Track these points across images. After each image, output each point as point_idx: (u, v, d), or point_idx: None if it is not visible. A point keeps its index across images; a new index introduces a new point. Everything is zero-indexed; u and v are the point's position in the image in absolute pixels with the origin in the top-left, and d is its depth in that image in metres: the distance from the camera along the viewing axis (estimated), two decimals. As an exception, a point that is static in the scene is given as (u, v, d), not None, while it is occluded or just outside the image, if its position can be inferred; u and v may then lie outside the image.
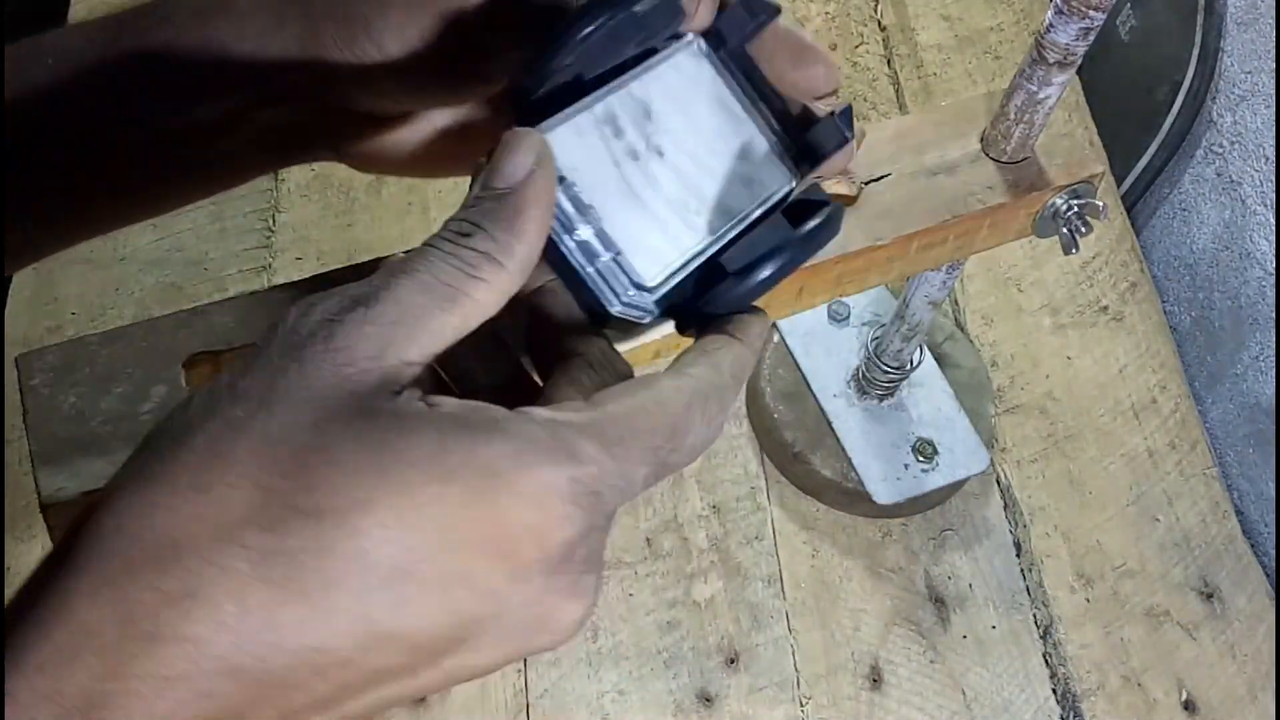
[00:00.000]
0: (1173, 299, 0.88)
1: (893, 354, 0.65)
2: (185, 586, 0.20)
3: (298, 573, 0.21)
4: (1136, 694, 0.67)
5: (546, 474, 0.22)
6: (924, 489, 0.67)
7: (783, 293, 0.41)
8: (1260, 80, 0.77)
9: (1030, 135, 0.44)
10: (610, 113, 0.29)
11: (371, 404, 0.22)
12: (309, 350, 0.23)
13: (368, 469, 0.21)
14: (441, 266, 0.24)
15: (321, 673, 0.21)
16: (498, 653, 0.24)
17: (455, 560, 0.22)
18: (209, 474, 0.21)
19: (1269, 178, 0.76)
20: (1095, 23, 0.40)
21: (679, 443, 0.25)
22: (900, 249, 0.43)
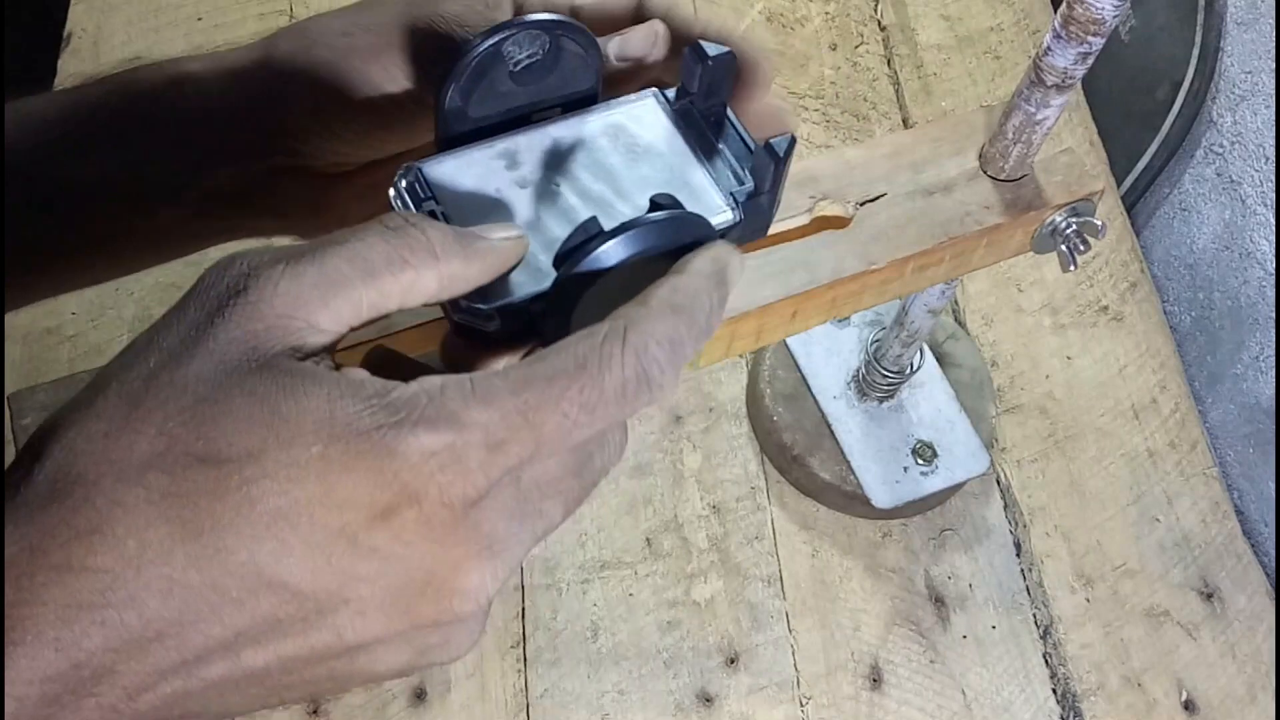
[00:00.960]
0: (1173, 299, 0.88)
1: (892, 359, 0.65)
2: (91, 523, 0.22)
3: (192, 514, 0.22)
4: (1136, 694, 0.67)
5: (423, 439, 0.23)
6: (923, 492, 0.67)
7: (775, 317, 0.41)
8: (1260, 80, 0.77)
9: (1028, 154, 0.44)
10: (511, 149, 0.31)
11: (273, 361, 0.24)
12: (223, 303, 0.24)
13: (259, 423, 0.23)
14: (375, 243, 0.25)
15: (216, 611, 0.23)
16: (386, 617, 0.24)
17: (336, 516, 0.23)
18: (119, 420, 0.23)
19: (1269, 178, 0.76)
20: (1094, 48, 0.39)
21: (595, 379, 0.25)
22: (895, 271, 0.43)
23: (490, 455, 0.24)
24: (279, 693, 0.25)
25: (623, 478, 0.72)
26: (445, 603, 0.25)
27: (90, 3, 0.92)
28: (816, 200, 0.43)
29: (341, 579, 0.23)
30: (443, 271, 0.26)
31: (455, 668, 0.65)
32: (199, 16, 0.92)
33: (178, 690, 0.23)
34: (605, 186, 0.31)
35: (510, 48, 0.30)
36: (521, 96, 0.31)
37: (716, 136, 0.33)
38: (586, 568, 0.69)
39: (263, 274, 0.24)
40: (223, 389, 0.23)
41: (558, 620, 0.67)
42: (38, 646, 0.21)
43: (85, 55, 0.90)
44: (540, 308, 0.29)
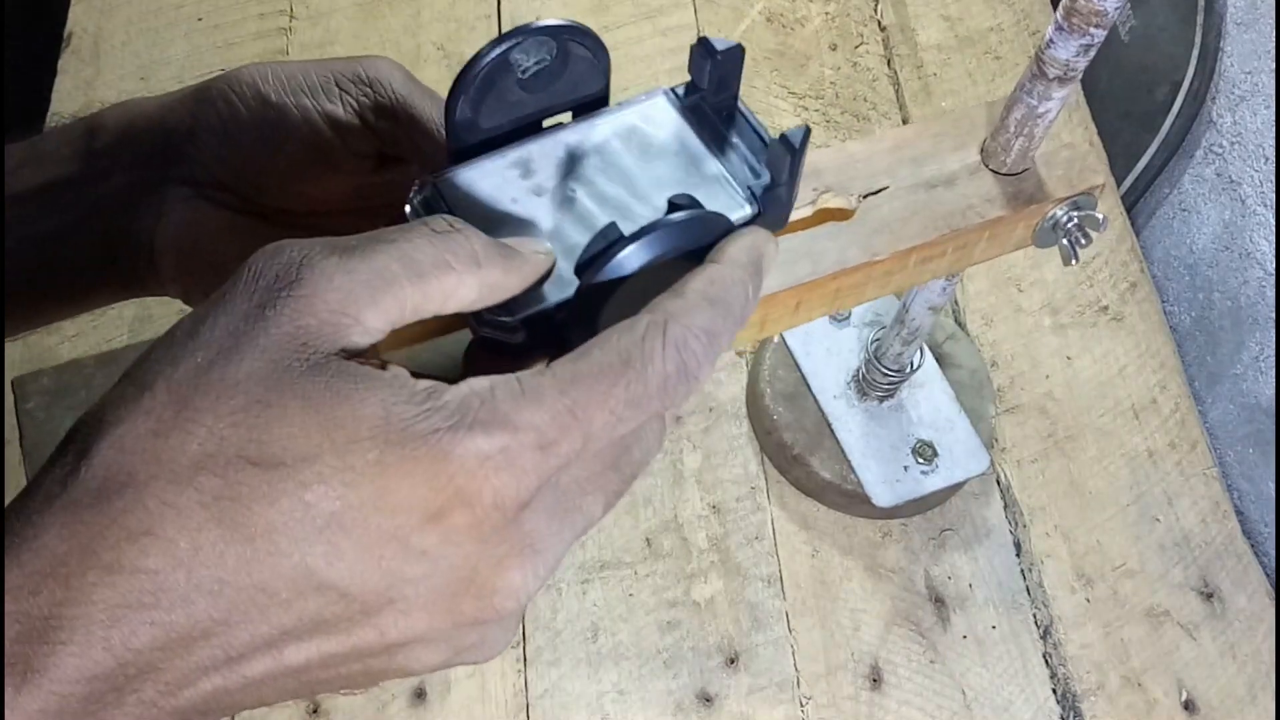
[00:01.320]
0: (1173, 299, 0.88)
1: (893, 357, 0.65)
2: (143, 524, 0.22)
3: (245, 517, 0.22)
4: (1136, 694, 0.67)
5: (479, 442, 0.23)
6: (923, 491, 0.67)
7: (779, 308, 0.41)
8: (1260, 80, 0.77)
9: (1030, 148, 0.44)
10: (524, 158, 0.31)
11: (326, 362, 0.23)
12: (273, 294, 0.24)
13: (314, 427, 0.23)
14: (422, 245, 0.25)
15: (263, 612, 0.23)
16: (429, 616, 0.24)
17: (388, 520, 0.23)
18: (168, 419, 0.23)
19: (1269, 178, 0.76)
20: (1096, 40, 0.39)
21: (640, 373, 0.25)
22: (898, 263, 0.43)
23: (542, 456, 0.24)
24: (313, 686, 0.25)
25: (623, 478, 0.72)
26: (487, 601, 0.25)
27: (90, 3, 0.92)
28: (820, 193, 0.43)
29: (390, 581, 0.23)
30: (484, 280, 0.26)
31: (455, 668, 0.65)
32: (199, 17, 0.92)
33: (218, 686, 0.23)
34: (622, 189, 0.31)
35: (518, 55, 0.30)
36: (531, 104, 0.31)
37: (729, 130, 0.32)
38: (586, 568, 0.69)
39: (316, 266, 0.24)
40: (275, 390, 0.23)
41: (558, 620, 0.67)
42: (86, 646, 0.22)
43: (85, 55, 0.90)
44: (564, 316, 0.28)
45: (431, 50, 0.91)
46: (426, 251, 0.25)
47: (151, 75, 0.89)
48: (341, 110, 0.35)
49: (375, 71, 0.36)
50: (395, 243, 0.25)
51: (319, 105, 0.35)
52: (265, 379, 0.23)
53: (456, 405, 0.24)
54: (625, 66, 0.90)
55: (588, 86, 0.32)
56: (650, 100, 0.33)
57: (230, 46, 0.90)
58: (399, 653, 0.25)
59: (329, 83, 0.35)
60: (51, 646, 0.21)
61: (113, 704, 0.22)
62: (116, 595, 0.22)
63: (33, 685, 0.21)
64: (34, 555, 0.22)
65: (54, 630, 0.21)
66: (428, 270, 0.25)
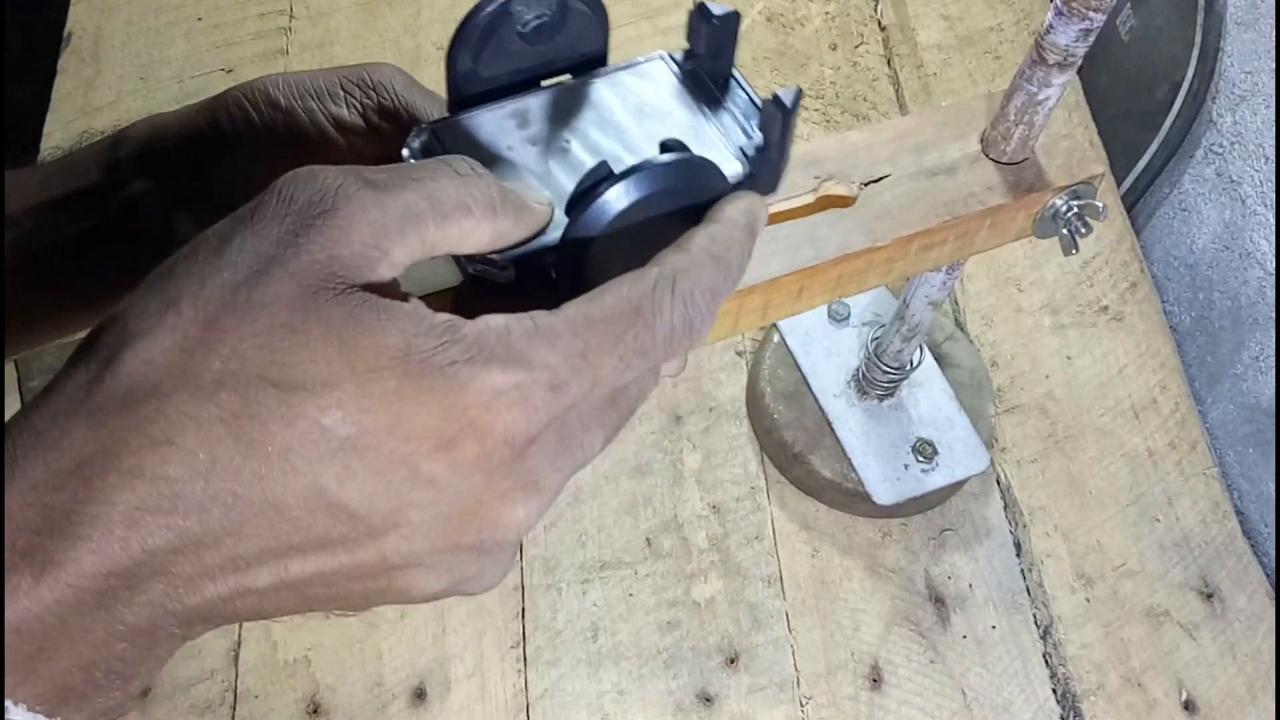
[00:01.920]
0: (1173, 299, 0.88)
1: (893, 354, 0.65)
2: (165, 433, 0.23)
3: (262, 435, 0.23)
4: (1136, 694, 0.67)
5: (494, 377, 0.24)
6: (924, 489, 0.67)
7: (782, 293, 0.41)
8: (1260, 80, 0.77)
9: (1030, 136, 0.44)
10: (522, 109, 0.32)
11: (352, 291, 0.24)
12: (306, 220, 0.24)
13: (335, 354, 0.23)
14: (447, 186, 0.26)
15: (273, 527, 0.24)
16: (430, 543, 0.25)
17: (401, 446, 0.24)
18: (194, 337, 0.23)
19: (1269, 178, 0.76)
20: (1095, 24, 0.40)
21: (649, 323, 0.26)
22: (900, 250, 0.43)
23: (553, 395, 0.25)
24: (311, 602, 0.26)
25: (623, 478, 0.72)
26: (488, 532, 0.26)
27: (90, 3, 0.92)
28: (821, 180, 0.44)
29: (396, 504, 0.24)
30: (497, 226, 0.27)
31: (455, 668, 0.65)
32: (199, 16, 0.92)
33: (221, 593, 0.24)
34: (615, 143, 0.31)
35: (519, 7, 0.30)
36: (531, 58, 0.32)
37: (724, 96, 0.33)
38: (586, 568, 0.69)
39: (353, 197, 0.24)
40: (300, 315, 0.23)
41: (558, 620, 0.67)
42: (104, 543, 0.22)
43: (85, 55, 0.90)
44: (553, 258, 0.29)
45: (431, 50, 0.91)
46: (450, 192, 0.26)
47: (151, 75, 0.89)
48: (347, 113, 0.37)
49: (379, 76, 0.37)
50: (421, 181, 0.26)
51: (325, 109, 0.36)
52: (291, 304, 0.23)
53: (474, 339, 0.24)
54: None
55: (587, 44, 0.33)
56: (648, 62, 0.34)
57: (230, 46, 0.90)
58: (398, 575, 0.26)
59: (334, 87, 0.37)
60: (71, 541, 0.22)
61: (123, 601, 0.23)
62: (136, 498, 0.22)
63: (50, 577, 0.22)
64: (59, 454, 0.23)
65: (75, 526, 0.22)
66: (450, 211, 0.26)
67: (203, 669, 0.65)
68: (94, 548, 0.22)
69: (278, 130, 0.36)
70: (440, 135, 0.31)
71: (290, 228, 0.24)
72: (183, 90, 0.88)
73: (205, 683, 0.64)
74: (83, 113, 0.87)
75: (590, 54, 0.33)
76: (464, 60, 0.31)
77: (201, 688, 0.64)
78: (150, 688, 0.64)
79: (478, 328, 0.25)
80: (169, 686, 0.64)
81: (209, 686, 0.64)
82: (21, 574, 0.22)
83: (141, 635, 0.23)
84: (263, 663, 0.65)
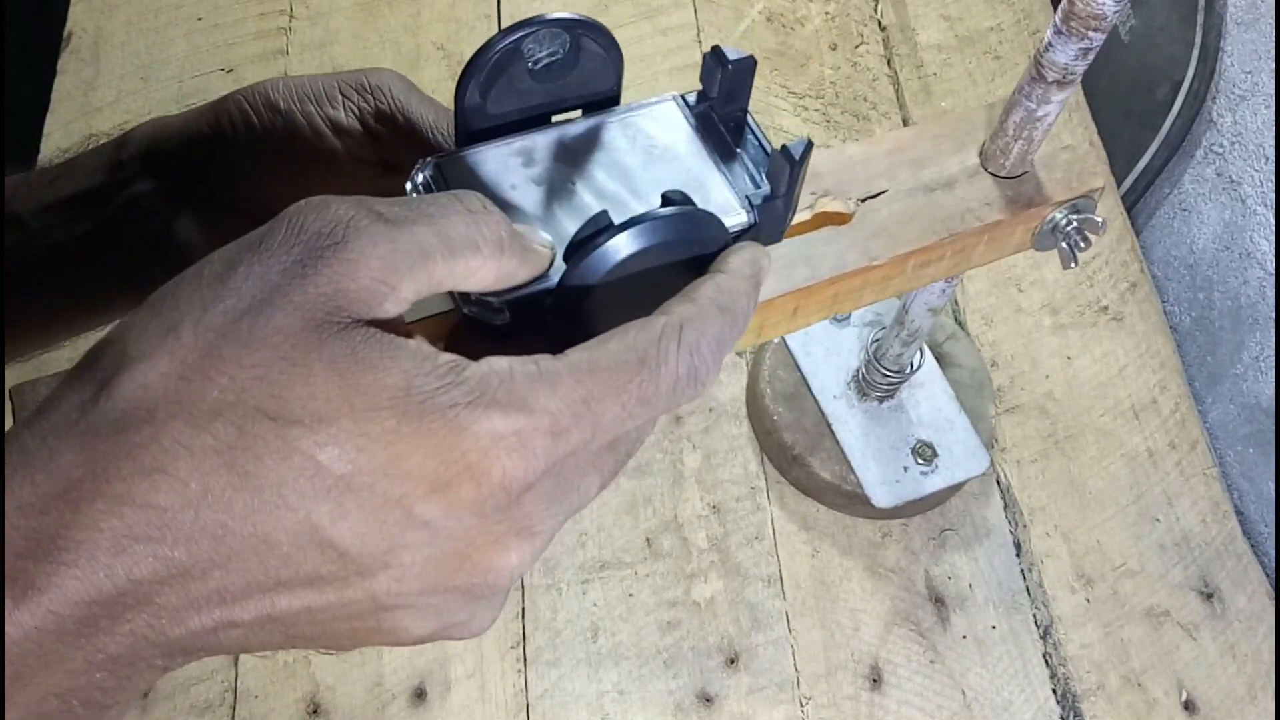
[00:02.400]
0: (1173, 299, 0.88)
1: (892, 358, 0.65)
2: (158, 461, 0.22)
3: (256, 468, 0.23)
4: (1136, 694, 0.67)
5: (495, 422, 0.24)
6: (923, 491, 0.67)
7: (777, 313, 0.41)
8: (1260, 80, 0.77)
9: (1029, 151, 0.44)
10: (528, 147, 0.31)
11: (357, 326, 0.24)
12: (315, 252, 0.24)
13: (335, 391, 0.23)
14: (457, 223, 0.26)
15: (262, 561, 0.23)
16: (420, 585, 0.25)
17: (396, 486, 0.23)
18: (192, 363, 0.23)
19: (1269, 178, 0.76)
20: (1095, 44, 0.39)
21: (654, 373, 0.26)
22: (896, 268, 0.43)
23: (553, 442, 0.24)
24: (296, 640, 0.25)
25: (623, 478, 0.72)
26: (480, 576, 0.25)
27: (90, 3, 0.92)
28: (818, 197, 0.43)
29: (388, 545, 0.24)
30: (502, 266, 0.27)
31: (455, 668, 0.65)
32: (199, 16, 0.92)
33: (206, 625, 0.24)
34: (620, 186, 0.31)
35: (530, 45, 0.30)
36: (541, 95, 0.31)
37: (736, 141, 0.33)
38: (586, 568, 0.69)
39: (365, 230, 0.24)
40: (301, 348, 0.23)
41: (558, 620, 0.67)
42: (89, 570, 0.22)
43: (85, 55, 0.90)
44: (550, 302, 0.29)
45: (431, 50, 0.91)
46: (460, 229, 0.26)
47: (151, 75, 0.89)
48: (344, 117, 0.36)
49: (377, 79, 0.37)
50: (433, 217, 0.25)
51: (323, 112, 0.36)
52: (294, 336, 0.23)
53: (477, 382, 0.24)
54: (625, 66, 0.90)
55: (598, 83, 0.32)
56: (659, 104, 0.33)
57: (230, 46, 0.90)
58: (387, 616, 0.25)
59: (333, 90, 0.37)
60: (55, 566, 0.22)
61: (105, 630, 0.22)
62: (123, 525, 0.22)
63: (32, 602, 0.22)
64: (47, 476, 0.22)
65: (59, 550, 0.22)
66: (459, 248, 0.25)
67: (203, 669, 0.65)
68: (78, 574, 0.22)
69: (277, 133, 0.36)
70: (444, 170, 0.30)
71: (298, 258, 0.24)
72: (183, 90, 0.88)
73: (205, 683, 0.64)
74: (83, 113, 0.87)
75: (602, 93, 0.33)
76: (472, 95, 0.30)
77: (201, 688, 0.64)
78: (148, 691, 0.64)
79: (480, 370, 0.24)
80: (169, 686, 0.64)
81: (209, 686, 0.64)
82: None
83: (122, 665, 0.23)
84: (263, 663, 0.65)
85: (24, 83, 0.91)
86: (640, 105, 0.33)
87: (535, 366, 0.25)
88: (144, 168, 0.38)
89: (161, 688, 0.64)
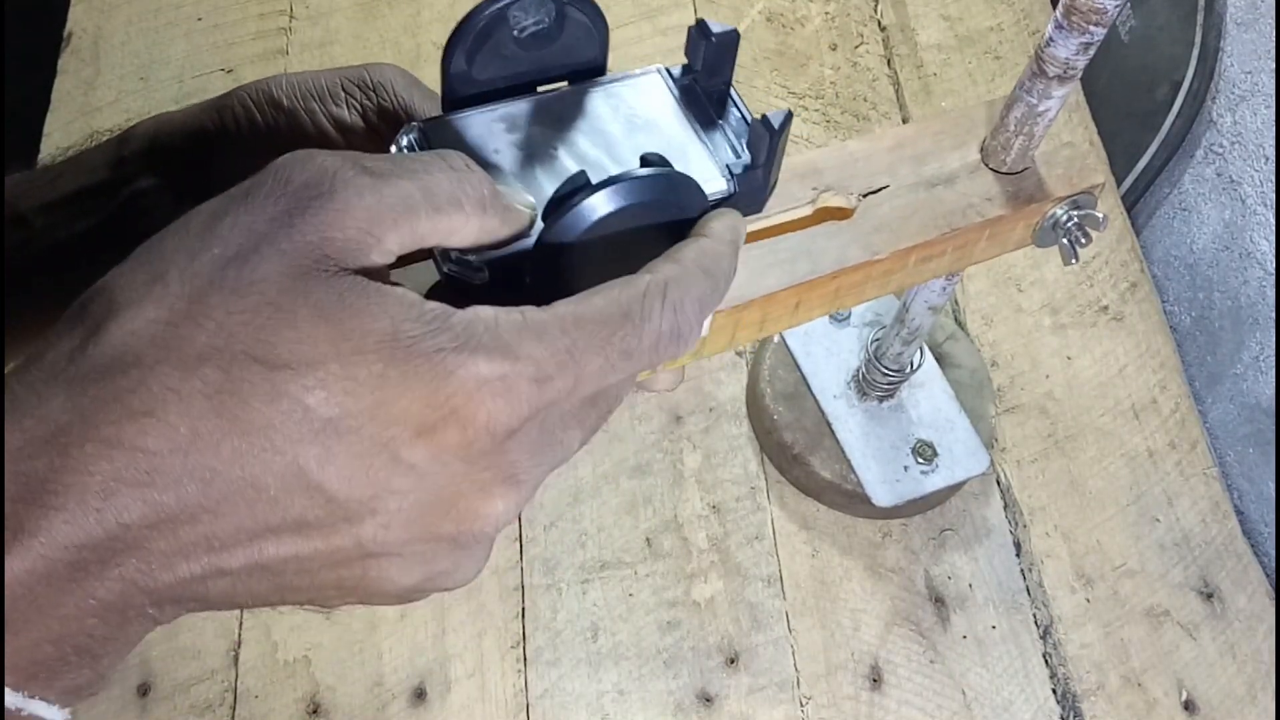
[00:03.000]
0: (1173, 299, 0.88)
1: (893, 357, 0.65)
2: (146, 405, 0.22)
3: (244, 411, 0.23)
4: (1136, 694, 0.67)
5: (480, 366, 0.24)
6: (924, 490, 0.67)
7: (779, 307, 0.41)
8: (1260, 80, 0.77)
9: (1030, 146, 0.44)
10: (512, 114, 0.32)
11: (344, 274, 0.24)
12: (302, 201, 0.24)
13: (323, 336, 0.23)
14: (442, 180, 0.26)
15: (250, 505, 0.23)
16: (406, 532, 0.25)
17: (383, 430, 0.24)
18: (180, 310, 0.23)
19: (1269, 178, 0.76)
20: (1096, 38, 0.39)
21: (637, 328, 0.26)
22: (898, 262, 0.43)
23: (536, 389, 0.25)
24: (284, 591, 0.25)
25: (623, 478, 0.72)
26: (465, 524, 0.26)
27: (90, 3, 0.92)
28: (819, 192, 0.43)
29: (375, 490, 0.24)
30: (484, 224, 0.27)
31: (455, 667, 0.65)
32: (199, 17, 0.92)
33: (195, 573, 0.24)
34: (602, 152, 0.31)
35: (516, 13, 0.30)
36: (526, 64, 0.32)
37: (719, 114, 0.33)
38: (586, 568, 0.69)
39: (351, 182, 0.24)
40: (288, 295, 0.23)
41: (558, 620, 0.67)
42: (79, 513, 0.22)
43: (85, 55, 0.90)
44: (528, 263, 0.29)
45: (431, 50, 0.91)
46: (444, 186, 0.26)
47: (151, 75, 0.89)
48: (347, 114, 0.37)
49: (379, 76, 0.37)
50: (417, 173, 0.26)
51: (326, 109, 0.37)
52: (280, 283, 0.23)
53: (463, 328, 0.24)
54: (625, 66, 0.89)
55: (584, 54, 0.33)
56: (644, 75, 0.34)
57: (230, 46, 0.90)
58: (372, 565, 0.25)
59: (335, 87, 0.37)
60: (45, 510, 0.22)
61: (95, 575, 0.23)
62: (112, 469, 0.22)
63: (22, 546, 0.22)
64: (36, 422, 0.22)
65: (49, 495, 0.22)
66: (443, 204, 0.26)
67: (203, 669, 0.65)
68: (67, 517, 0.22)
69: (280, 130, 0.37)
70: (429, 134, 0.31)
71: (285, 208, 0.24)
72: (183, 90, 0.88)
73: (205, 683, 0.64)
74: (83, 113, 0.87)
75: (587, 63, 0.33)
76: (458, 61, 0.31)
77: (201, 688, 0.64)
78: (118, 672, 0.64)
79: (466, 317, 0.25)
80: (169, 686, 0.64)
81: (209, 686, 0.64)
82: None
83: (112, 612, 0.23)
84: (263, 663, 0.65)
85: (24, 83, 0.91)
86: (625, 76, 0.33)
87: (521, 316, 0.25)
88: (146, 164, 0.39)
89: (161, 688, 0.64)
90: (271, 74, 0.38)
